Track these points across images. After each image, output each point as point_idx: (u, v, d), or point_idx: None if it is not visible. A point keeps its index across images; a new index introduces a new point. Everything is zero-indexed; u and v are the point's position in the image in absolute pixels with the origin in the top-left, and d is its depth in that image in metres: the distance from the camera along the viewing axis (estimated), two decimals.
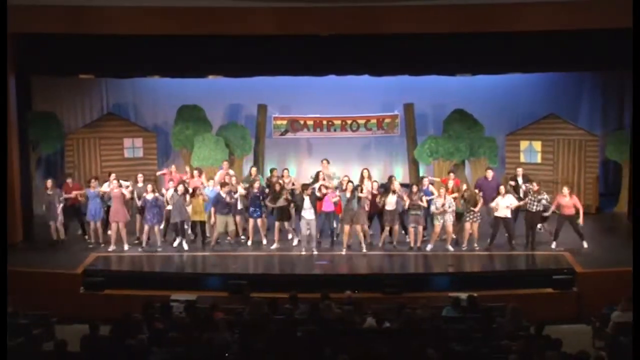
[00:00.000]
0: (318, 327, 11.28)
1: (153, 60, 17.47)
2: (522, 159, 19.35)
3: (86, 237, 16.88)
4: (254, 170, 17.51)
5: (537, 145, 19.36)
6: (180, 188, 16.11)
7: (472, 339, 10.92)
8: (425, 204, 15.91)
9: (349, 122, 20.02)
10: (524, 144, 19.50)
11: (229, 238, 16.49)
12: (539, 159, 19.21)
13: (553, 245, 16.02)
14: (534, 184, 16.22)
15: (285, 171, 17.46)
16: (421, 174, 18.77)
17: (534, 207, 15.89)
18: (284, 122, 20.05)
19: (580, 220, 15.99)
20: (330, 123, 20.03)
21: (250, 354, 10.37)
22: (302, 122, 20.04)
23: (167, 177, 17.56)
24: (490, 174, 17.07)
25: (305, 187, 16.19)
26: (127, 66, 17.58)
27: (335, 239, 16.58)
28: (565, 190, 16.06)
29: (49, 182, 16.50)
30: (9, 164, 16.48)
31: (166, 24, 15.97)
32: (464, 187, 16.43)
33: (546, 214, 16.23)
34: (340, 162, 20.14)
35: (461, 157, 19.08)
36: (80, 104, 20.69)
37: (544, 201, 15.92)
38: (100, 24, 15.96)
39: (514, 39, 16.62)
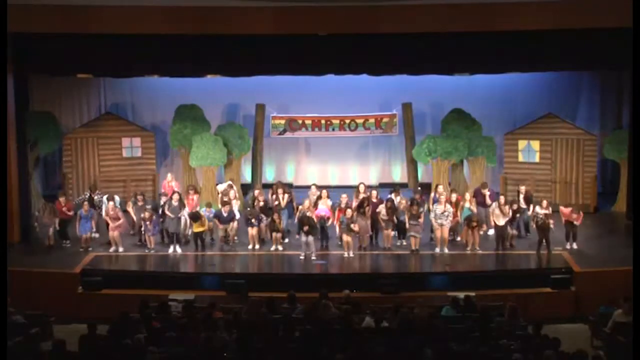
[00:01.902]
0: (316, 326, 11.28)
1: (151, 59, 17.45)
2: (521, 158, 19.35)
3: (67, 242, 16.68)
4: (257, 192, 17.16)
5: (536, 144, 19.35)
6: (175, 197, 16.12)
7: (470, 338, 10.92)
8: (422, 219, 15.95)
9: (347, 121, 20.03)
10: (522, 144, 19.49)
11: (229, 239, 16.51)
12: (537, 159, 19.19)
13: (568, 246, 15.99)
14: (544, 202, 16.00)
15: (280, 189, 17.20)
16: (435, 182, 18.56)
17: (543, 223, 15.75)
18: (282, 121, 20.06)
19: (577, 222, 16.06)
20: (328, 122, 20.03)
21: (248, 353, 10.36)
22: (300, 121, 20.04)
23: (164, 184, 17.60)
24: (487, 193, 16.99)
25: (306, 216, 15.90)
26: (125, 65, 17.57)
27: (326, 243, 16.49)
28: (574, 216, 15.98)
29: (46, 210, 16.30)
30: (7, 164, 16.47)
31: (164, 23, 15.95)
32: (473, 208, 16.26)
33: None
34: (338, 162, 20.19)
35: (459, 156, 19.07)
36: (78, 104, 20.70)
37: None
38: (98, 23, 15.92)
39: (512, 39, 16.61)
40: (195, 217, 16.04)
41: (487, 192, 17.00)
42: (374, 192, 16.61)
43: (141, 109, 20.92)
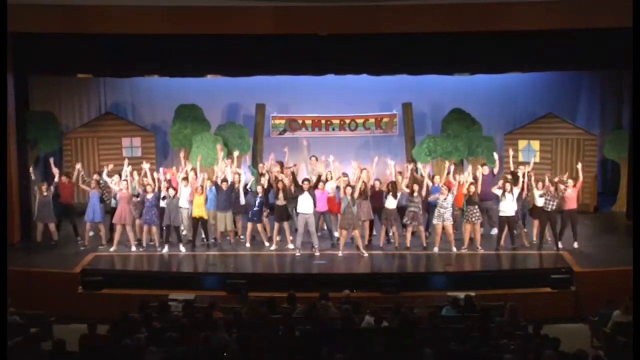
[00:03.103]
0: (316, 326, 11.28)
1: (151, 59, 17.44)
2: (521, 158, 19.35)
3: (78, 238, 16.75)
4: (260, 166, 17.44)
5: (536, 144, 19.38)
6: (172, 192, 16.00)
7: (470, 338, 10.92)
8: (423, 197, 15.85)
9: (347, 121, 20.03)
10: (522, 143, 19.51)
11: (228, 237, 16.47)
12: (537, 158, 19.20)
13: (560, 245, 15.89)
14: (539, 184, 16.03)
15: (275, 163, 17.45)
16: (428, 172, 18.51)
17: (550, 206, 15.67)
18: (283, 121, 20.06)
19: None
20: (328, 122, 20.04)
21: (248, 353, 10.37)
22: (300, 121, 20.05)
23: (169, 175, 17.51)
24: (486, 169, 16.96)
25: (305, 182, 16.08)
26: (125, 65, 17.55)
27: (333, 240, 16.52)
28: (570, 182, 16.00)
29: (44, 186, 16.36)
30: (7, 163, 16.47)
31: (164, 23, 15.95)
32: (469, 182, 16.08)
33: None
34: (338, 162, 20.08)
35: (459, 156, 19.08)
36: (78, 104, 20.69)
37: (557, 200, 15.71)
38: (98, 23, 15.93)
39: (512, 38, 16.61)
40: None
41: (487, 168, 16.71)
42: (377, 183, 16.47)
43: (141, 109, 20.91)
